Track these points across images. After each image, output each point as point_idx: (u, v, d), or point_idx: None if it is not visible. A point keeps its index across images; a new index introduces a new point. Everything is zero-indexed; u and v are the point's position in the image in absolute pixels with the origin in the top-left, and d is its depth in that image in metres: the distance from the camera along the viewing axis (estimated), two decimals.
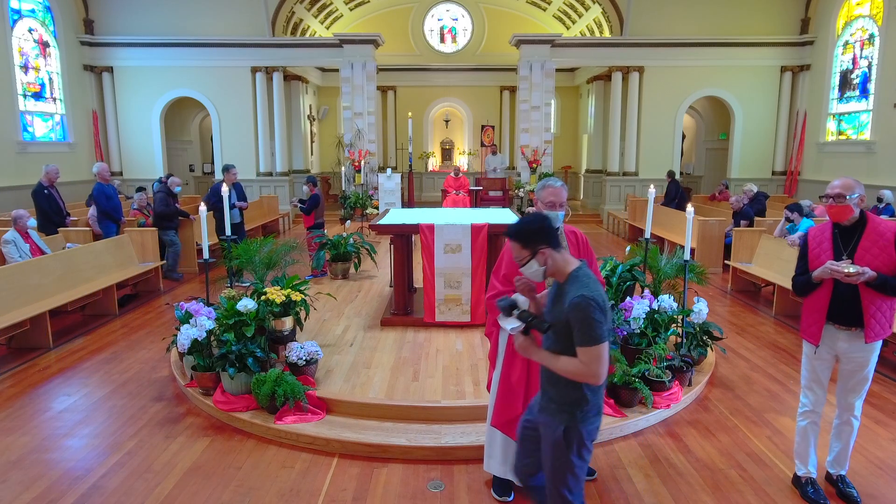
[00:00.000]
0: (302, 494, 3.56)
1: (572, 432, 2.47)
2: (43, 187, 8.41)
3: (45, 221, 8.49)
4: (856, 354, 3.29)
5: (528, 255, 2.49)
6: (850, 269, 3.10)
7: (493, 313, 3.40)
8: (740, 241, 8.61)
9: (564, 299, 2.41)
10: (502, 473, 3.53)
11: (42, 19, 12.98)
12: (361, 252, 8.66)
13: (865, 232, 3.21)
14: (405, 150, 18.26)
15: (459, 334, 5.95)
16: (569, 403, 2.48)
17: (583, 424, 2.48)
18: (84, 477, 3.73)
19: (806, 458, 3.54)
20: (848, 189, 3.19)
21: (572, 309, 2.34)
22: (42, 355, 5.95)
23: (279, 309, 4.98)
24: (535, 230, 2.47)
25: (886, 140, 11.50)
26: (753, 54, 14.54)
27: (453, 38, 19.12)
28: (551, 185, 3.37)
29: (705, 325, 5.26)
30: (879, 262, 3.14)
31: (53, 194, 8.52)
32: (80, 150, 14.03)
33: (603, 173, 16.34)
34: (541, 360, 2.51)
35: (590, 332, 2.32)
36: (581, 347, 2.35)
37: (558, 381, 2.49)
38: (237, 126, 15.08)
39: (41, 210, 8.48)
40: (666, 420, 4.50)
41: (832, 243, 3.27)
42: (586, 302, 2.32)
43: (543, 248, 2.46)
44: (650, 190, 5.71)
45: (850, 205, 3.19)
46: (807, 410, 3.51)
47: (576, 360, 2.38)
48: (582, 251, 3.42)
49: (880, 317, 3.20)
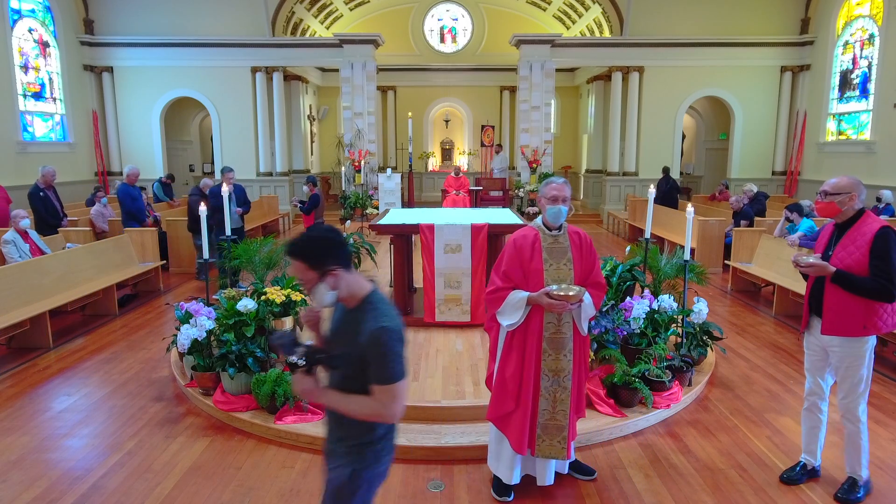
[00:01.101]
0: (302, 494, 3.56)
1: (361, 475, 2.14)
2: (39, 189, 8.39)
3: (40, 223, 8.47)
4: (834, 348, 3.37)
5: (314, 277, 2.06)
6: (803, 260, 3.28)
7: (491, 308, 3.42)
8: (740, 241, 8.61)
9: (358, 329, 2.06)
10: (495, 469, 3.56)
11: (42, 19, 12.98)
12: (361, 252, 8.63)
13: (850, 230, 3.30)
14: (405, 150, 18.25)
15: (459, 334, 5.95)
16: (360, 443, 2.14)
17: (375, 465, 2.17)
18: (84, 477, 3.73)
19: (805, 442, 3.68)
20: (837, 188, 3.28)
21: (371, 342, 2.00)
22: (42, 355, 5.95)
23: (279, 309, 4.99)
24: (323, 246, 2.07)
25: (886, 140, 11.50)
26: (753, 54, 14.54)
27: (453, 38, 19.12)
28: (554, 181, 3.41)
29: (705, 325, 5.26)
30: (852, 259, 3.22)
31: (49, 196, 8.50)
32: (80, 150, 14.03)
33: (603, 173, 16.34)
34: (329, 402, 2.14)
35: (390, 367, 2.01)
36: (378, 385, 2.02)
37: (349, 420, 2.13)
38: (237, 126, 15.07)
39: (36, 212, 8.47)
40: (666, 420, 4.50)
41: (828, 239, 3.42)
42: (387, 334, 2.00)
43: (334, 268, 2.05)
44: (650, 190, 5.71)
45: (834, 202, 3.28)
46: (806, 395, 3.65)
47: (370, 399, 2.05)
48: (584, 252, 3.40)
49: (841, 311, 3.26)
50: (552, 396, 3.40)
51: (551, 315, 3.33)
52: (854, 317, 3.24)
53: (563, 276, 3.32)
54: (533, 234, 3.39)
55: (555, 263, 3.33)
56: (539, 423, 3.42)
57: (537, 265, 3.31)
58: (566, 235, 3.39)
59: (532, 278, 3.30)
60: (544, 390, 3.40)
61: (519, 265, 3.34)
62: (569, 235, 3.39)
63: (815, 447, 3.65)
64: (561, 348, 3.37)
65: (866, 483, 3.49)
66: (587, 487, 3.62)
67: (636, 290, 5.58)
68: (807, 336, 3.55)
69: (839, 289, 3.24)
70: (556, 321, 3.34)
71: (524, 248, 3.35)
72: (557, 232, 3.38)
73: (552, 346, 3.36)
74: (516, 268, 3.34)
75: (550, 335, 3.35)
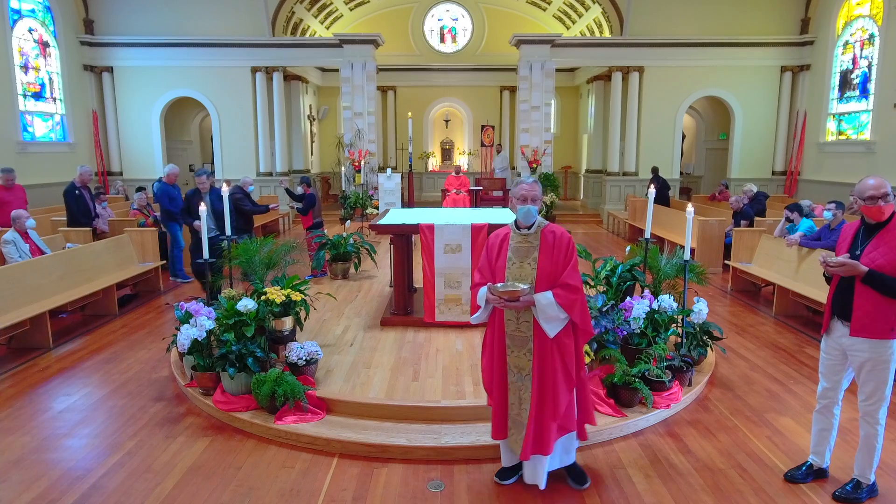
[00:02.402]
0: (302, 494, 3.55)
1: None
2: (75, 187, 8.49)
3: (71, 221, 8.54)
4: (856, 351, 3.32)
5: None
6: (833, 260, 3.22)
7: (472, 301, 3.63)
8: (740, 241, 8.61)
9: None
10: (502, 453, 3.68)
11: (42, 19, 12.98)
12: (361, 252, 8.66)
13: (883, 230, 3.23)
14: (405, 150, 18.26)
15: (459, 334, 5.95)
16: None
17: None
18: (84, 477, 3.73)
19: (814, 443, 3.66)
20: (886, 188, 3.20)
21: None
22: (42, 355, 5.95)
23: (279, 309, 4.98)
24: None
25: (886, 140, 11.50)
26: (753, 54, 14.54)
27: (453, 38, 19.12)
28: (524, 182, 3.44)
29: (705, 325, 5.26)
30: (885, 259, 3.16)
31: (84, 195, 8.58)
32: (80, 150, 14.02)
33: (603, 173, 16.34)
34: None
35: None
36: None
37: None
38: (237, 126, 15.08)
39: (69, 209, 8.56)
40: (666, 420, 4.50)
41: (853, 239, 3.36)
42: None
43: None
44: (650, 190, 5.71)
45: (891, 203, 3.22)
46: (819, 396, 3.62)
47: None
48: (556, 253, 3.35)
49: (872, 312, 3.20)
50: (518, 392, 3.47)
51: (511, 312, 3.41)
52: (886, 318, 3.19)
53: (525, 274, 3.35)
54: (504, 232, 3.50)
55: (518, 262, 3.39)
56: (509, 416, 3.52)
57: (502, 263, 3.42)
58: (538, 235, 3.39)
59: (497, 275, 3.42)
60: (511, 385, 3.49)
61: (487, 262, 3.50)
62: (542, 235, 3.38)
63: (823, 448, 3.64)
64: (521, 346, 3.42)
65: (871, 486, 3.47)
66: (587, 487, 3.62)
67: (636, 290, 5.58)
68: (826, 338, 3.50)
69: (870, 290, 3.17)
70: (515, 318, 3.41)
71: (493, 245, 3.49)
72: (528, 231, 3.40)
73: (514, 342, 3.45)
74: (486, 265, 3.51)
75: (511, 332, 3.45)
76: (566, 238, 3.39)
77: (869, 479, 3.46)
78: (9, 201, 8.17)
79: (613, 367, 4.61)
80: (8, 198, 8.26)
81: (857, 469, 3.49)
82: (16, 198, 8.38)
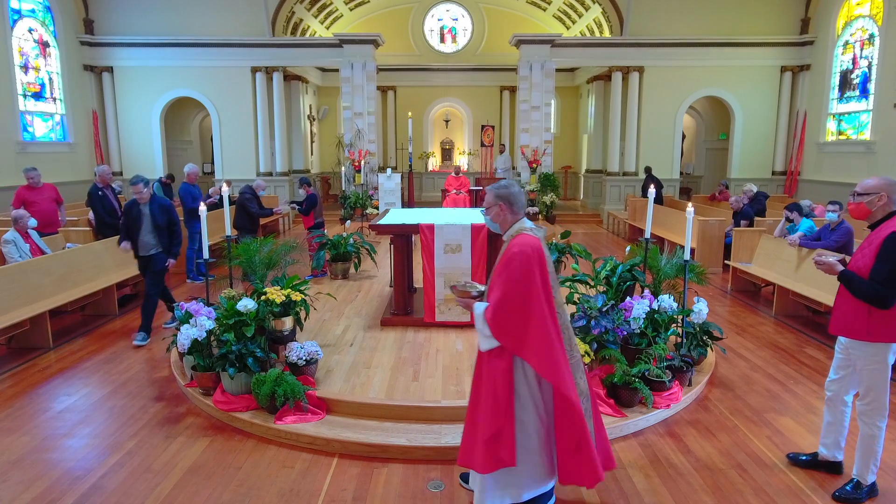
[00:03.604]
0: (302, 494, 3.55)
1: None
2: (97, 188, 8.19)
3: (99, 224, 8.33)
4: (851, 350, 3.39)
5: None
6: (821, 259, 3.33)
7: None
8: (740, 241, 8.61)
9: None
10: None
11: (42, 19, 12.98)
12: (361, 252, 8.66)
13: (873, 233, 3.29)
14: (405, 150, 18.26)
15: (459, 334, 5.95)
16: None
17: None
18: (84, 477, 3.73)
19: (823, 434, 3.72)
20: (866, 188, 3.28)
21: None
22: (42, 355, 5.95)
23: (279, 309, 4.98)
24: None
25: (886, 140, 11.50)
26: (753, 54, 14.54)
27: (453, 38, 19.12)
28: None
29: (705, 325, 5.26)
30: (863, 262, 3.23)
31: (108, 195, 8.29)
32: (80, 150, 14.03)
33: (603, 173, 16.34)
34: None
35: None
36: None
37: None
38: (237, 126, 15.08)
39: (95, 212, 8.36)
40: (666, 420, 4.50)
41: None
42: None
43: None
44: (650, 190, 5.71)
45: (863, 203, 3.28)
46: (826, 385, 3.67)
47: None
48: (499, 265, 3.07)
49: (850, 312, 3.26)
50: None
51: None
52: (858, 320, 3.23)
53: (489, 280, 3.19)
54: None
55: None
56: None
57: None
58: (507, 244, 3.13)
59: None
60: None
61: None
62: (509, 244, 3.09)
63: (830, 441, 3.67)
64: None
65: (871, 486, 3.47)
66: None
67: (636, 290, 5.58)
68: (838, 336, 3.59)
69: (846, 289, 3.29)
70: None
71: None
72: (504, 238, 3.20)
73: None
74: None
75: None
76: (517, 251, 2.98)
77: (867, 480, 3.46)
78: (35, 201, 7.86)
79: (613, 367, 4.61)
80: (34, 198, 7.90)
81: (857, 469, 3.50)
82: (44, 197, 8.02)
